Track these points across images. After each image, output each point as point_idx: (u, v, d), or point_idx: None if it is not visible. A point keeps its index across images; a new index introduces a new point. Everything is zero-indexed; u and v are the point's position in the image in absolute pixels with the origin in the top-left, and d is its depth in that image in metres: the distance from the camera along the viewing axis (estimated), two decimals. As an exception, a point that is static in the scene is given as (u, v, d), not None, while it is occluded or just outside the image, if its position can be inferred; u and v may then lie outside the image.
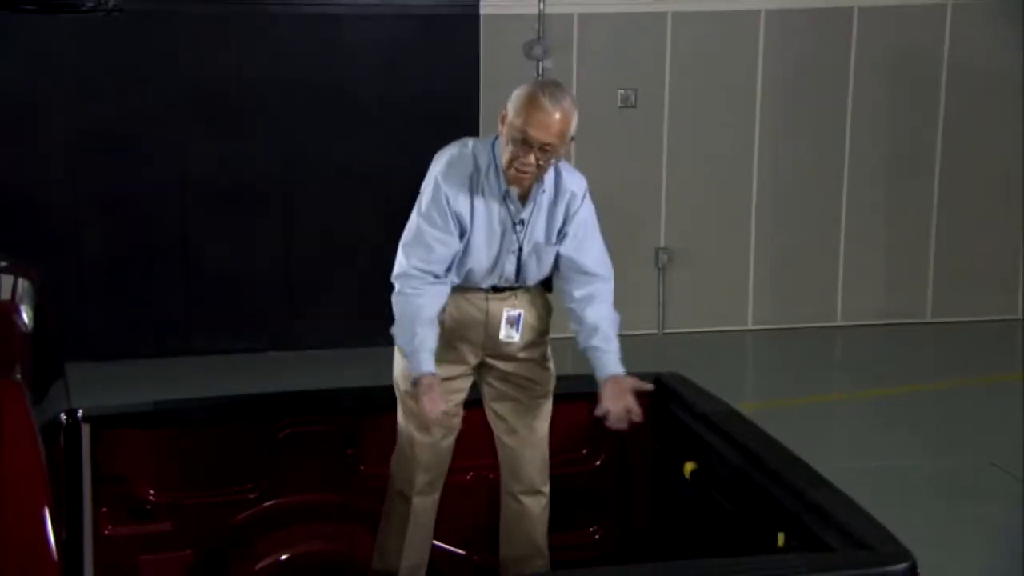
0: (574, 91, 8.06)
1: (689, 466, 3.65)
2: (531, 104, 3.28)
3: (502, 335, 3.54)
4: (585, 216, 3.53)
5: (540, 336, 3.63)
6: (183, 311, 7.91)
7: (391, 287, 3.49)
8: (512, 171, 3.35)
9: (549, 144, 3.30)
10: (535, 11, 8.07)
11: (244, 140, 7.85)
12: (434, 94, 8.01)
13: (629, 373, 3.61)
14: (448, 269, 3.47)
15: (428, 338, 3.39)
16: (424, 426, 3.57)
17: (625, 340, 3.59)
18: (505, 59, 8.09)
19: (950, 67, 8.52)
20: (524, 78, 7.97)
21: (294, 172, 7.96)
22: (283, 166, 7.94)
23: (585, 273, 3.55)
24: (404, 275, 3.44)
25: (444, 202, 3.41)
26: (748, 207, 8.54)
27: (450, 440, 3.64)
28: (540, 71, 8.12)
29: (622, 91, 8.14)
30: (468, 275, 3.51)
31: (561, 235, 3.51)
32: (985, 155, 8.65)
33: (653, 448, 3.93)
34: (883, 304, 8.72)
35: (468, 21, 8.04)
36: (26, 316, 2.97)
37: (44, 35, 7.50)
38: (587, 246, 3.55)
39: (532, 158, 3.31)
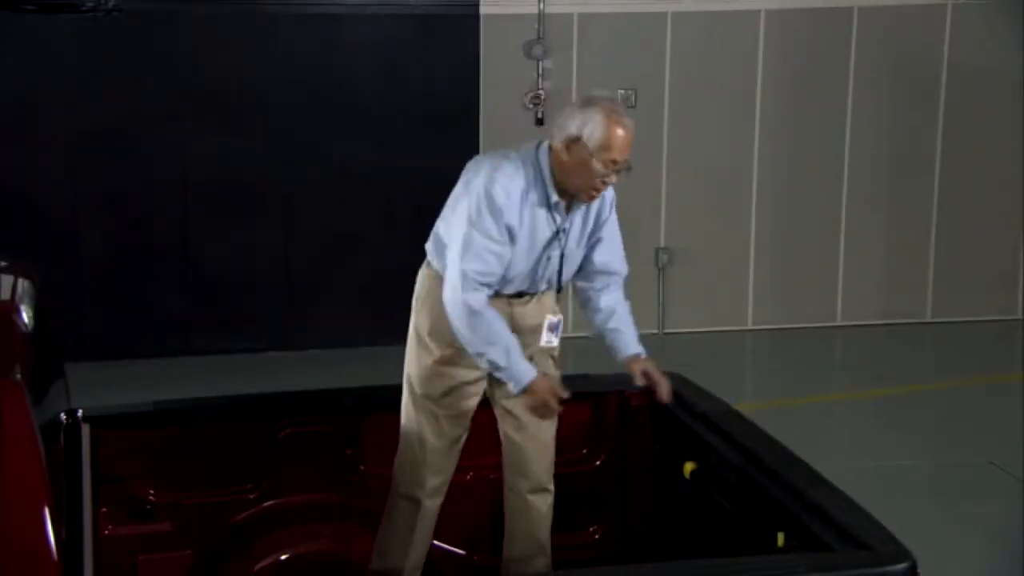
0: (574, 91, 8.18)
1: (689, 466, 3.65)
2: (618, 131, 3.41)
3: (543, 342, 3.62)
4: (614, 221, 3.67)
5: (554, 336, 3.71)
6: (183, 311, 7.91)
7: (456, 301, 3.41)
8: (593, 192, 3.46)
9: (627, 160, 3.45)
10: (535, 11, 8.08)
11: (244, 140, 7.85)
12: (434, 94, 8.01)
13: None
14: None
15: (516, 342, 3.45)
16: (441, 431, 3.59)
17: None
18: (505, 59, 8.09)
19: (950, 67, 8.51)
20: (524, 78, 8.11)
21: (294, 172, 7.96)
22: (283, 166, 7.94)
23: (608, 272, 3.68)
24: (466, 287, 3.41)
25: (499, 214, 3.41)
26: (748, 207, 8.54)
27: (461, 443, 3.67)
28: (540, 71, 8.12)
29: (622, 91, 8.12)
30: (504, 284, 3.54)
31: (593, 240, 3.62)
32: (985, 155, 8.65)
33: (653, 448, 3.93)
34: (883, 304, 8.72)
35: (468, 21, 8.04)
36: (26, 316, 2.97)
37: (44, 35, 7.50)
38: (613, 248, 3.68)
39: (615, 177, 3.46)
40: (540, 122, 8.15)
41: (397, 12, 7.93)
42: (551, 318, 3.62)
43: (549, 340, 3.63)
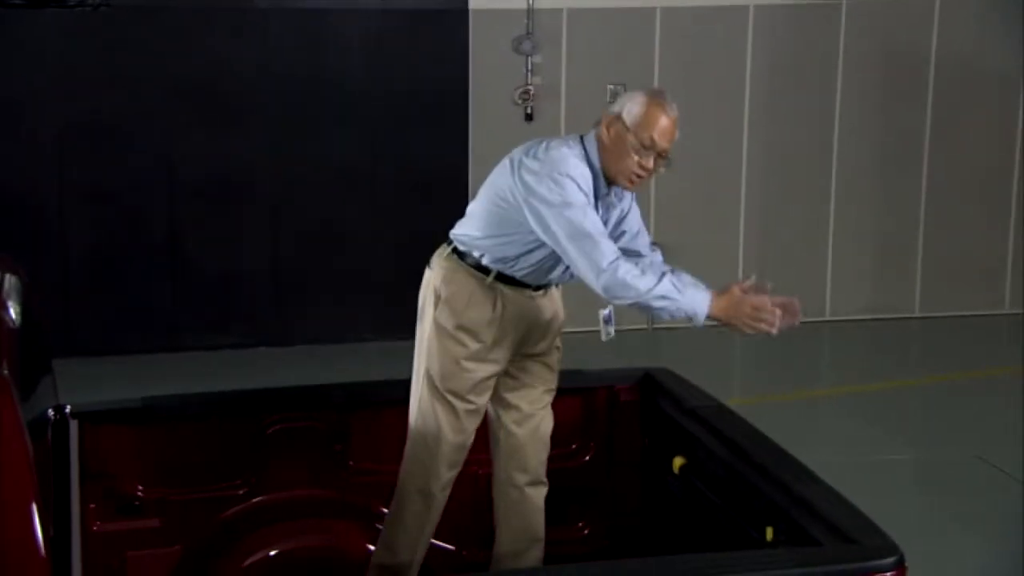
0: (563, 86, 8.18)
1: (678, 461, 3.66)
2: (658, 112, 3.42)
3: (604, 336, 3.63)
4: (637, 211, 3.66)
5: (561, 329, 3.73)
6: (171, 307, 7.89)
7: (604, 271, 3.28)
8: (633, 176, 3.45)
9: (666, 150, 3.44)
10: (524, 6, 8.07)
11: (233, 135, 7.83)
12: (423, 89, 8.00)
13: (618, 369, 3.65)
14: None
15: (679, 278, 3.37)
16: (460, 427, 3.58)
17: (614, 336, 3.63)
18: (494, 54, 8.08)
19: (938, 61, 8.54)
20: (513, 73, 8.10)
21: (283, 167, 7.95)
22: (272, 161, 7.93)
23: (640, 257, 3.64)
24: (613, 261, 3.30)
25: (587, 193, 3.38)
26: (737, 202, 8.55)
27: (473, 436, 3.67)
28: (529, 66, 8.12)
29: (611, 86, 8.13)
30: (540, 273, 3.54)
31: (618, 233, 3.59)
32: (973, 150, 8.68)
33: (642, 443, 3.94)
34: (871, 299, 8.75)
35: (457, 16, 8.03)
36: (13, 312, 2.97)
37: (31, 30, 7.47)
38: (641, 236, 3.67)
39: (651, 163, 3.44)
40: (529, 117, 8.15)
41: (386, 7, 7.92)
42: (603, 311, 3.62)
43: (608, 332, 3.63)
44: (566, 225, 3.33)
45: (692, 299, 3.34)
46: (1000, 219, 8.79)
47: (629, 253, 3.59)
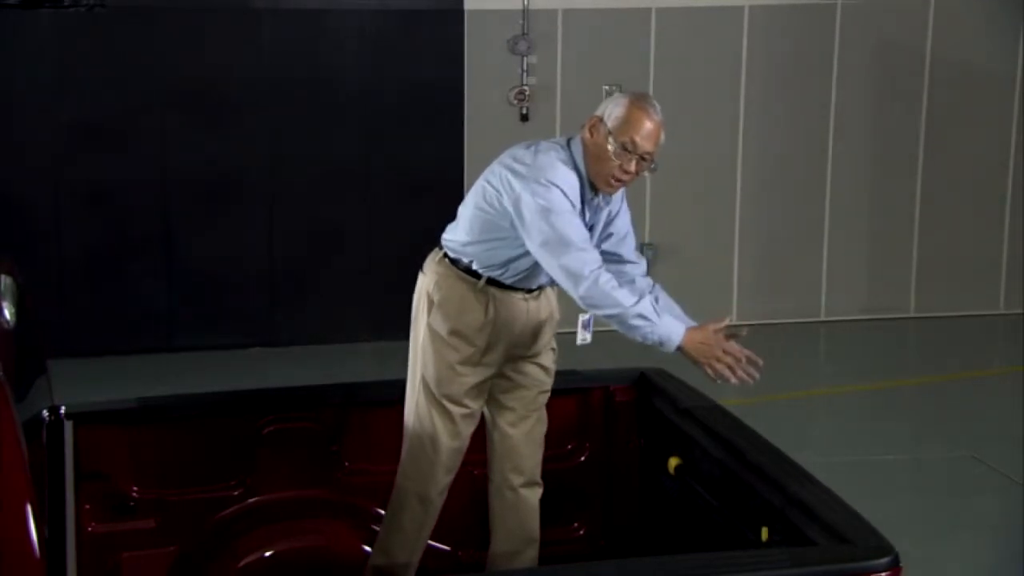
0: (558, 86, 8.18)
1: (673, 461, 3.66)
2: (640, 114, 3.39)
3: (578, 340, 3.61)
4: (626, 214, 3.64)
5: (555, 330, 3.73)
6: (166, 307, 7.88)
7: (583, 277, 3.27)
8: (612, 180, 3.43)
9: (650, 153, 3.41)
10: (519, 6, 8.07)
11: (228, 135, 7.82)
12: (419, 89, 8.00)
13: (613, 369, 3.64)
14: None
15: (659, 301, 3.43)
16: (457, 432, 3.58)
17: (609, 336, 3.63)
18: (490, 54, 8.08)
19: (933, 62, 8.55)
20: (509, 73, 8.10)
21: (278, 167, 7.94)
22: (267, 161, 7.92)
23: (621, 262, 3.63)
24: (595, 270, 3.30)
25: (573, 200, 3.38)
26: (732, 203, 8.55)
27: (469, 439, 3.67)
28: (524, 66, 8.12)
29: (606, 87, 8.12)
30: (530, 277, 3.54)
31: (605, 235, 3.58)
32: (968, 150, 8.69)
33: (638, 443, 3.94)
34: (866, 299, 8.75)
35: (453, 16, 8.03)
36: (8, 313, 2.96)
37: (25, 30, 7.46)
38: (628, 240, 3.66)
39: (634, 166, 3.40)
40: (525, 118, 8.15)
41: (381, 7, 7.92)
42: (583, 316, 3.59)
43: (584, 338, 3.61)
44: (548, 231, 3.32)
45: (668, 326, 3.33)
46: (995, 219, 8.80)
47: (614, 256, 3.60)
